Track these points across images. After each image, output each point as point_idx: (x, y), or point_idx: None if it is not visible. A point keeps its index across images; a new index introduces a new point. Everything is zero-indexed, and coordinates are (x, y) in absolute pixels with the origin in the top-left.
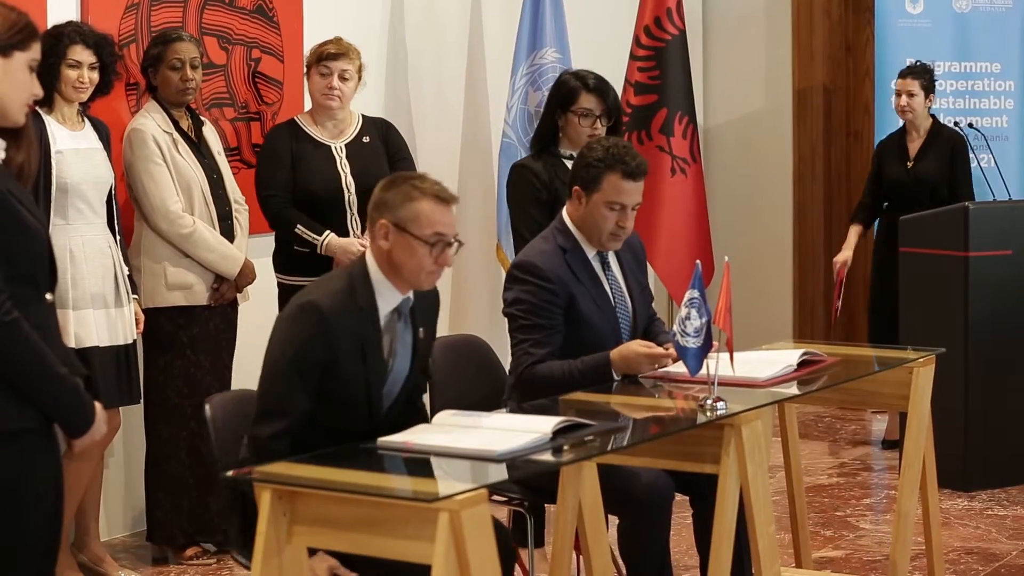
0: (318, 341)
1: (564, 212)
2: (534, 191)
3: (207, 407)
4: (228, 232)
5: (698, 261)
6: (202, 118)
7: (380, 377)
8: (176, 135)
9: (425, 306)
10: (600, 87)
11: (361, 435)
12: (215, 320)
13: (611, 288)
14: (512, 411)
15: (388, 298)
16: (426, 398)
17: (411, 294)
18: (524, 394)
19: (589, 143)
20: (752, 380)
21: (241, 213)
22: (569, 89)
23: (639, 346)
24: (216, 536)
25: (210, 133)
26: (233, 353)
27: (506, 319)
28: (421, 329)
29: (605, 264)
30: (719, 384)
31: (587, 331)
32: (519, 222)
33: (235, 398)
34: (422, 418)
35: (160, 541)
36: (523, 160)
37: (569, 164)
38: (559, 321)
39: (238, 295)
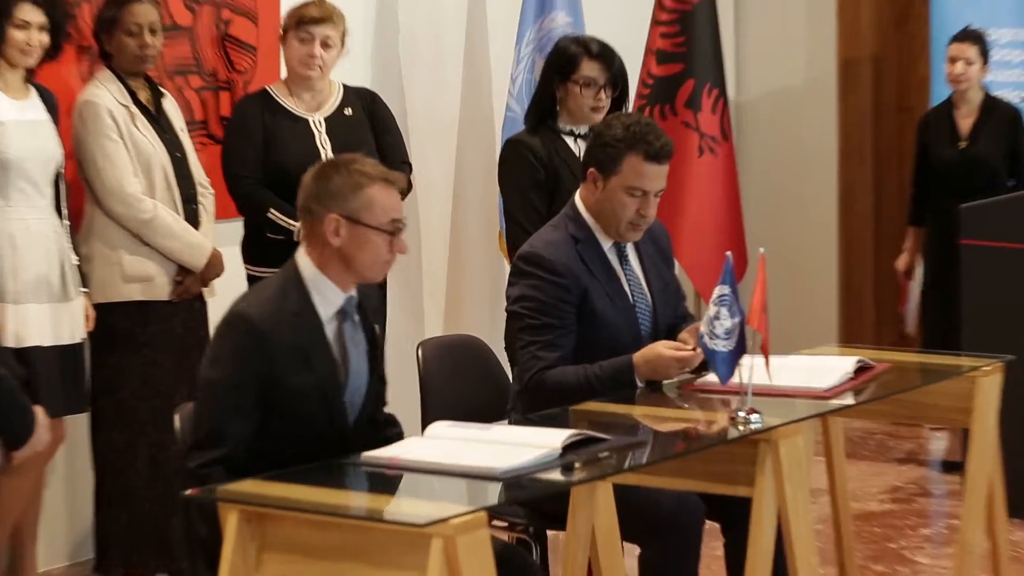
0: (251, 355)
1: (576, 197)
2: (531, 170)
3: (176, 417)
4: (192, 218)
5: (729, 253)
6: (162, 89)
7: (335, 386)
8: (134, 108)
9: (372, 301)
10: (604, 53)
11: (331, 455)
12: (180, 316)
13: (629, 284)
14: (516, 423)
15: (329, 298)
16: (416, 408)
17: (354, 291)
18: (532, 404)
19: (607, 119)
20: (808, 390)
21: (206, 197)
22: (569, 56)
23: (664, 347)
24: (180, 563)
25: (171, 106)
26: (204, 354)
27: (509, 318)
28: (376, 326)
29: (622, 257)
30: (754, 394)
31: (602, 331)
32: (514, 205)
33: None
34: (393, 428)
35: (110, 570)
36: (518, 135)
37: (569, 141)
38: (571, 320)
39: (204, 289)
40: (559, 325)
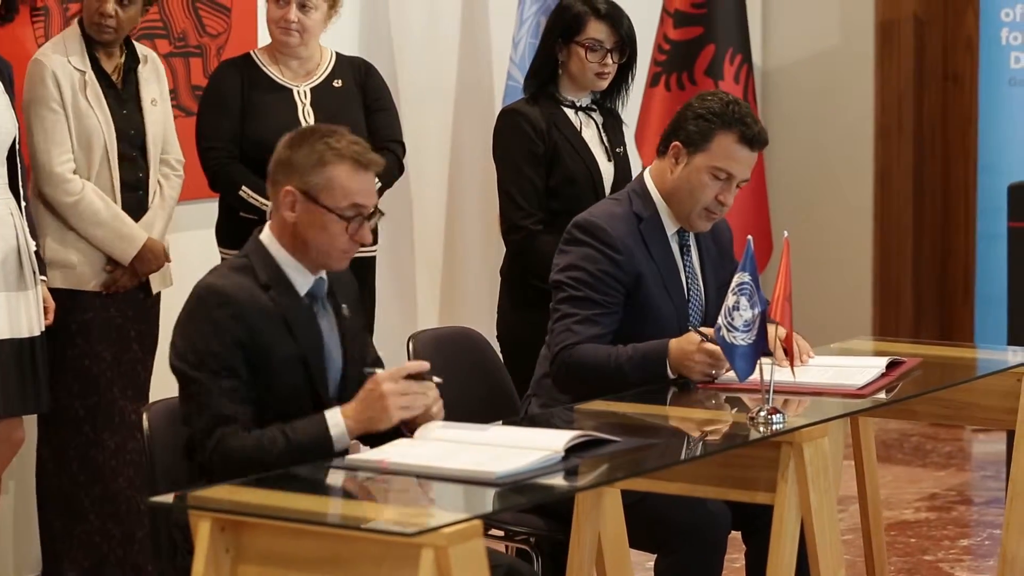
0: (229, 326)
1: (647, 173)
2: (528, 142)
3: (144, 416)
4: (138, 204)
5: (750, 237)
6: (145, 54)
7: (318, 355)
8: (90, 75)
9: (343, 282)
10: (612, 14)
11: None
12: (117, 305)
13: (687, 277)
14: (531, 416)
15: (297, 281)
16: None
17: (324, 275)
18: (558, 382)
19: (702, 94)
20: (839, 387)
21: (168, 179)
22: (573, 15)
23: (698, 341)
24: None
25: (151, 74)
26: (153, 348)
27: (553, 288)
28: (344, 307)
29: (684, 247)
30: (775, 392)
31: (649, 322)
32: (509, 179)
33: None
34: None
35: None
36: (515, 104)
37: (570, 113)
38: (617, 301)
39: (152, 279)
40: (603, 303)
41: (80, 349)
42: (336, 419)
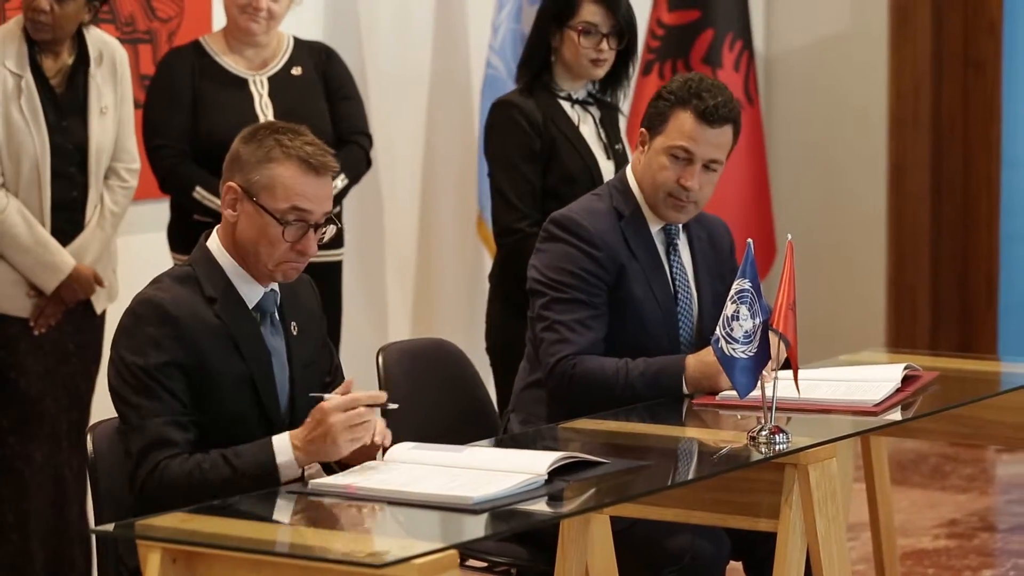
0: (168, 345)
1: (629, 168)
2: (525, 138)
3: (89, 438)
4: (72, 224)
5: (750, 240)
6: (102, 50)
7: (267, 375)
8: (28, 80)
9: (300, 293)
10: None
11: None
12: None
13: (674, 275)
14: (511, 435)
15: (246, 293)
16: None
17: (276, 287)
18: (556, 395)
19: (674, 77)
20: (851, 404)
21: (114, 191)
22: None
23: None
24: None
25: (105, 76)
26: (95, 361)
27: (530, 295)
28: (293, 324)
29: (671, 245)
30: (779, 409)
31: (634, 323)
32: (503, 179)
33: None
34: None
35: None
36: (509, 96)
37: (567, 106)
38: (603, 302)
39: (94, 297)
40: (591, 303)
41: (3, 362)
42: (284, 446)
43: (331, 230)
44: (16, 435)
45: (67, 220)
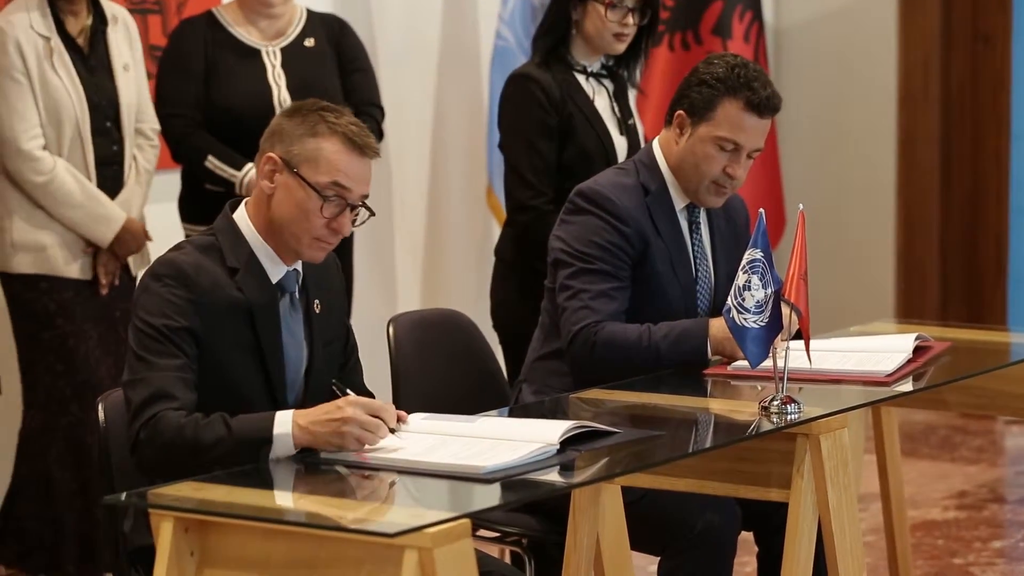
0: (185, 309)
1: (655, 143)
2: (541, 112)
3: (100, 407)
4: (114, 180)
5: (761, 210)
6: (115, 14)
7: (277, 355)
8: (56, 41)
9: (326, 272)
10: None
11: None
12: (96, 285)
13: (695, 255)
14: (524, 404)
15: (268, 267)
16: (387, 397)
17: (300, 266)
18: (579, 363)
19: (709, 57)
20: (863, 374)
21: (144, 151)
22: None
23: None
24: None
25: (121, 37)
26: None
27: (553, 265)
28: (317, 302)
29: (693, 223)
30: (790, 379)
31: (654, 301)
32: (518, 154)
33: None
34: None
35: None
36: (525, 68)
37: (583, 79)
38: (628, 276)
39: (131, 263)
40: (617, 275)
41: (61, 330)
42: (284, 422)
43: (365, 214)
44: (78, 403)
45: (109, 176)
